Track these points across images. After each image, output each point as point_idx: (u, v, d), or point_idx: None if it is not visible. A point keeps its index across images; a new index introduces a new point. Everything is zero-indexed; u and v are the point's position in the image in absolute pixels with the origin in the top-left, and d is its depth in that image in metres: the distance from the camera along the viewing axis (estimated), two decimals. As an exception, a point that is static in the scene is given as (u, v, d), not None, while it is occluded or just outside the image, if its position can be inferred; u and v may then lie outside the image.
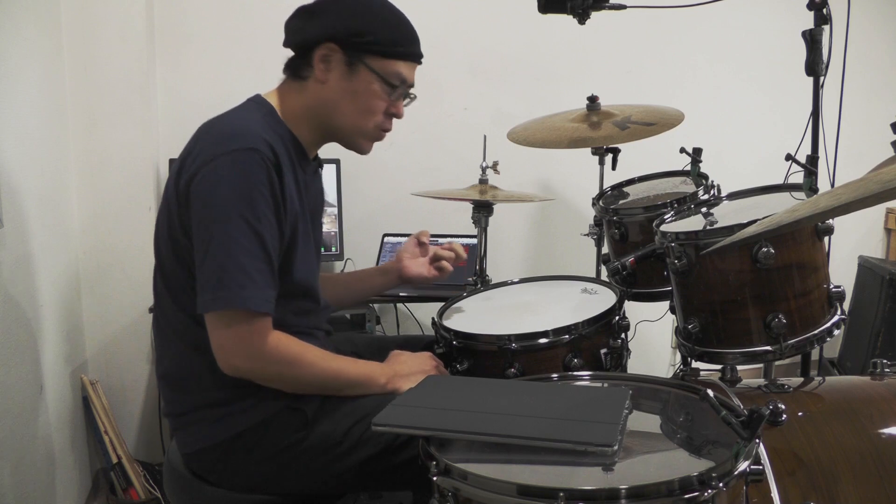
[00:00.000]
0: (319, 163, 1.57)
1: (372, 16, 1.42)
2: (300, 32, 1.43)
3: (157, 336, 1.48)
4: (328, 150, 1.58)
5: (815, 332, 1.48)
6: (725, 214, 1.66)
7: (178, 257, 1.37)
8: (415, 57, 1.46)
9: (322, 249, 2.59)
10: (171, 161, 2.53)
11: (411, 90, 1.49)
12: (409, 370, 1.47)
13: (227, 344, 1.31)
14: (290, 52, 1.47)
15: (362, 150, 1.51)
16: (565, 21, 2.01)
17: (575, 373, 1.44)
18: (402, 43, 1.44)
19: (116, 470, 2.37)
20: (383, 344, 1.81)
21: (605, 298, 1.69)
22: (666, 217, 1.75)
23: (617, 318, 1.61)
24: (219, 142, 1.32)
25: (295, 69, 1.45)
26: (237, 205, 1.28)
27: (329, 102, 1.43)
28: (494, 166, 2.18)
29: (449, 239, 2.70)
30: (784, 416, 1.28)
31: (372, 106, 1.44)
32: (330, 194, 2.65)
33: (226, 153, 1.30)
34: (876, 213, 3.43)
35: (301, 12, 1.45)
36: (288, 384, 1.37)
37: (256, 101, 1.47)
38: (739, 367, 1.50)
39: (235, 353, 1.31)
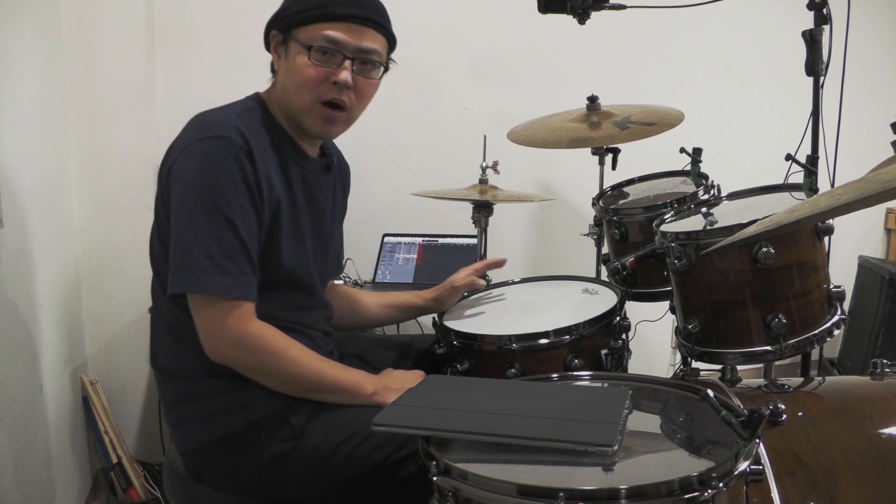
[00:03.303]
0: (328, 162, 1.57)
1: None
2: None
3: (152, 328, 1.51)
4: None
5: (815, 332, 1.48)
6: (725, 214, 1.66)
7: (164, 245, 1.39)
8: (335, 16, 1.37)
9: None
10: (171, 161, 2.53)
11: (371, 55, 1.41)
12: (399, 385, 1.40)
13: (209, 328, 1.33)
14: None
15: (319, 132, 1.45)
16: (565, 21, 2.01)
17: (575, 373, 1.44)
18: (316, 6, 1.38)
19: (116, 470, 2.37)
20: (384, 343, 1.81)
21: (605, 299, 1.69)
22: (666, 217, 1.75)
23: (618, 318, 1.61)
24: (192, 132, 1.36)
25: (271, 66, 1.50)
26: (205, 191, 1.31)
27: (281, 88, 1.45)
28: (494, 166, 2.19)
29: (449, 239, 2.71)
30: (784, 416, 1.28)
31: (303, 76, 1.38)
32: (330, 194, 2.65)
33: (195, 142, 1.33)
34: (876, 213, 3.43)
35: None
36: (271, 377, 1.37)
37: (250, 98, 1.50)
38: (739, 367, 1.50)
39: (216, 337, 1.32)
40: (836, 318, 1.51)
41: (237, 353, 1.34)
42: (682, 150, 1.99)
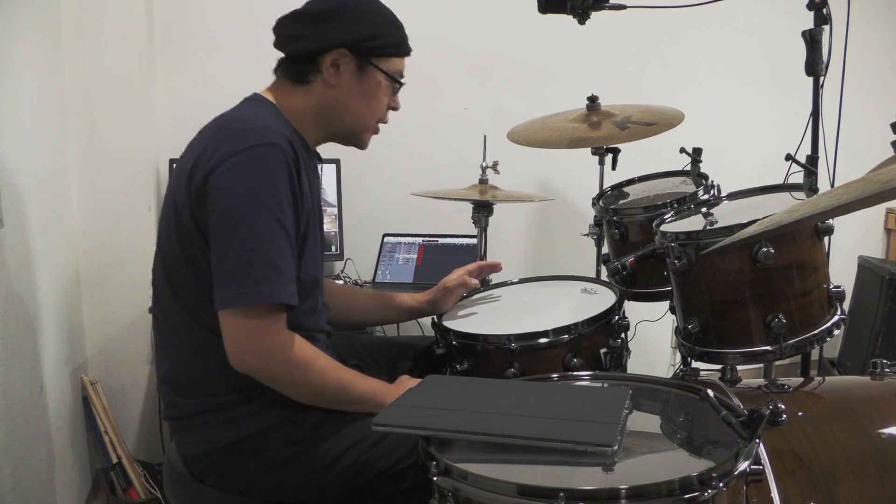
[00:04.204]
0: (319, 158, 1.58)
1: (378, 19, 1.46)
2: (307, 39, 1.43)
3: (158, 338, 1.46)
4: (328, 150, 1.59)
5: (815, 332, 1.48)
6: (725, 214, 1.66)
7: (188, 259, 1.35)
8: (409, 51, 1.52)
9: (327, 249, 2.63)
10: (172, 161, 2.53)
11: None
12: None
13: (242, 339, 1.30)
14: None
15: (365, 145, 1.55)
16: (565, 21, 2.01)
17: (575, 373, 1.44)
18: (402, 41, 1.50)
19: (116, 470, 2.37)
20: (384, 344, 1.81)
21: (604, 298, 1.70)
22: (666, 217, 1.75)
23: (616, 317, 1.61)
24: (238, 138, 1.32)
25: (298, 73, 1.45)
26: (262, 199, 1.28)
27: (339, 104, 1.46)
28: (494, 166, 2.19)
29: (449, 239, 2.72)
30: (784, 416, 1.28)
31: (380, 104, 1.50)
32: (330, 194, 2.65)
33: (246, 149, 1.30)
34: (876, 213, 3.43)
35: (301, 18, 1.44)
36: (296, 389, 1.36)
37: (259, 101, 1.47)
38: (739, 367, 1.50)
39: (248, 349, 1.30)
40: (836, 318, 1.51)
41: (265, 364, 1.32)
42: (682, 150, 1.99)
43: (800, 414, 1.31)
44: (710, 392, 1.03)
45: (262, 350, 1.30)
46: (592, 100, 2.26)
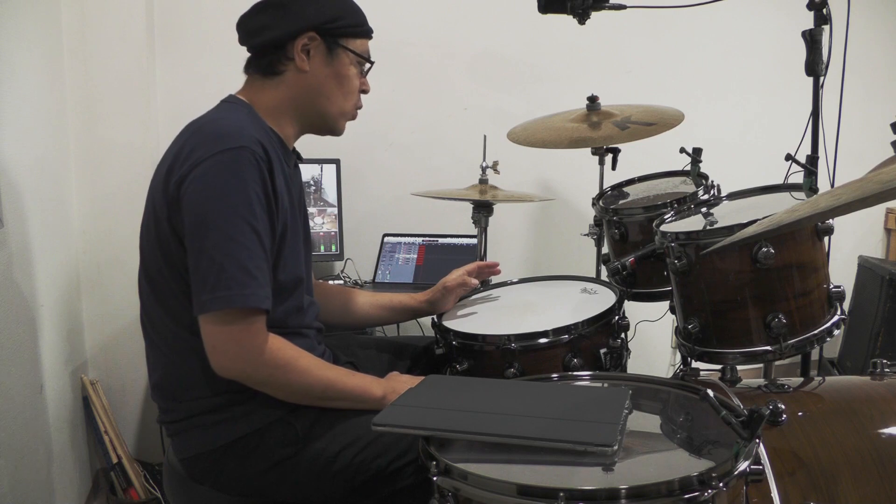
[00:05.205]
0: (298, 156, 1.58)
1: (339, 1, 1.47)
2: (274, 28, 1.44)
3: (148, 345, 1.45)
4: (328, 149, 1.59)
5: (815, 332, 1.48)
6: (725, 214, 1.66)
7: (169, 264, 1.35)
8: (372, 33, 1.52)
9: (322, 248, 2.63)
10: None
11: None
12: (407, 388, 1.37)
13: (220, 345, 1.29)
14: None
15: (341, 131, 1.54)
16: (565, 21, 2.01)
17: (575, 373, 1.44)
18: (365, 21, 1.51)
19: (116, 470, 2.37)
20: (383, 344, 1.81)
21: (604, 298, 1.70)
22: (666, 217, 1.75)
23: (616, 317, 1.61)
24: (210, 142, 1.32)
25: (269, 65, 1.46)
26: (233, 203, 1.28)
27: (313, 90, 1.46)
28: (494, 166, 2.19)
29: (449, 239, 2.72)
30: (784, 416, 1.28)
31: (353, 86, 1.50)
32: (330, 194, 2.65)
33: (218, 153, 1.29)
34: (876, 213, 3.42)
35: (265, 8, 1.45)
36: (280, 390, 1.36)
37: (234, 102, 1.47)
38: (739, 367, 1.50)
39: (228, 354, 1.30)
40: (836, 318, 1.51)
41: (246, 367, 1.32)
42: (682, 150, 1.99)
43: (800, 414, 1.31)
44: (710, 392, 1.03)
45: (240, 354, 1.30)
46: (592, 100, 2.26)
